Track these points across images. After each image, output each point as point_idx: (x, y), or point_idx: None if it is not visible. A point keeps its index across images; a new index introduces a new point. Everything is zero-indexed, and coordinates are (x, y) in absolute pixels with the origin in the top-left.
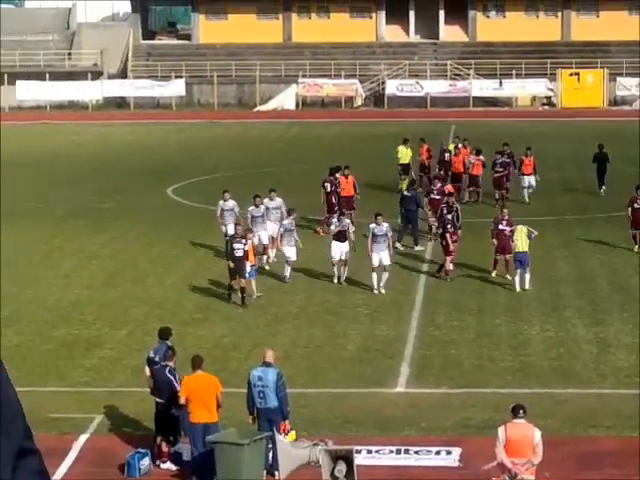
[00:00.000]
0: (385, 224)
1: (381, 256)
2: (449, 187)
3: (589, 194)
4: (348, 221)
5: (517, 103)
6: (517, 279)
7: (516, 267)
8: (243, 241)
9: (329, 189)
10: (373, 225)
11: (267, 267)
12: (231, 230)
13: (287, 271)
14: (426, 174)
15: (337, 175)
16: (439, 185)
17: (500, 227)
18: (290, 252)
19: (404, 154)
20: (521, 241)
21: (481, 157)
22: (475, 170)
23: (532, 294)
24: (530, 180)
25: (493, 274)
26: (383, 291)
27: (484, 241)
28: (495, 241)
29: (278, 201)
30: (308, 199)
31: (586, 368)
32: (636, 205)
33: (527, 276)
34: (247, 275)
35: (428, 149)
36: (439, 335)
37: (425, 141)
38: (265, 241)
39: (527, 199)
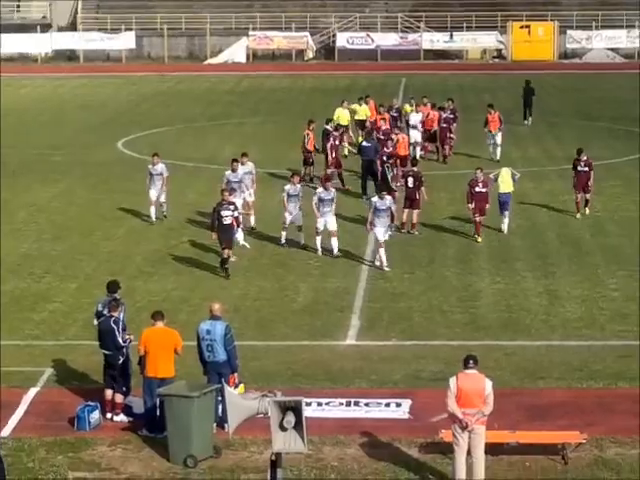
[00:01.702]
0: (388, 197)
1: (382, 231)
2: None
3: (540, 148)
4: (334, 190)
5: (468, 56)
6: (506, 220)
7: (501, 209)
8: (232, 207)
9: (330, 142)
10: (375, 199)
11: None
12: (162, 197)
13: (301, 238)
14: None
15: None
16: (392, 148)
17: (477, 189)
18: (297, 217)
19: (342, 116)
20: (506, 183)
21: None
22: (430, 125)
23: (482, 246)
24: (496, 137)
25: (479, 239)
26: (388, 268)
27: (433, 194)
28: (472, 205)
29: (250, 166)
30: (260, 151)
31: (535, 320)
32: (579, 168)
33: (506, 220)
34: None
35: (376, 107)
36: (389, 287)
37: (370, 97)
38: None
39: (498, 157)
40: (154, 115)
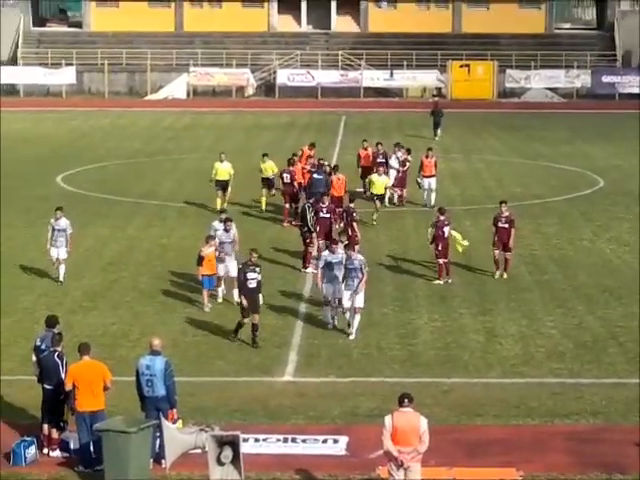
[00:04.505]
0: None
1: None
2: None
3: (479, 186)
4: (342, 252)
5: (407, 94)
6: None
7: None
8: (257, 269)
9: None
10: (326, 253)
11: None
12: (62, 254)
13: (349, 316)
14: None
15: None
16: (328, 202)
17: (441, 232)
18: (339, 290)
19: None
20: (460, 246)
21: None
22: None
23: (420, 284)
24: (431, 182)
25: (437, 282)
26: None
27: (372, 232)
28: (439, 246)
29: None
30: (198, 187)
31: (473, 357)
32: (500, 224)
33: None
34: (208, 286)
35: (307, 158)
36: (327, 324)
37: (315, 146)
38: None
39: (432, 202)
40: (94, 150)
